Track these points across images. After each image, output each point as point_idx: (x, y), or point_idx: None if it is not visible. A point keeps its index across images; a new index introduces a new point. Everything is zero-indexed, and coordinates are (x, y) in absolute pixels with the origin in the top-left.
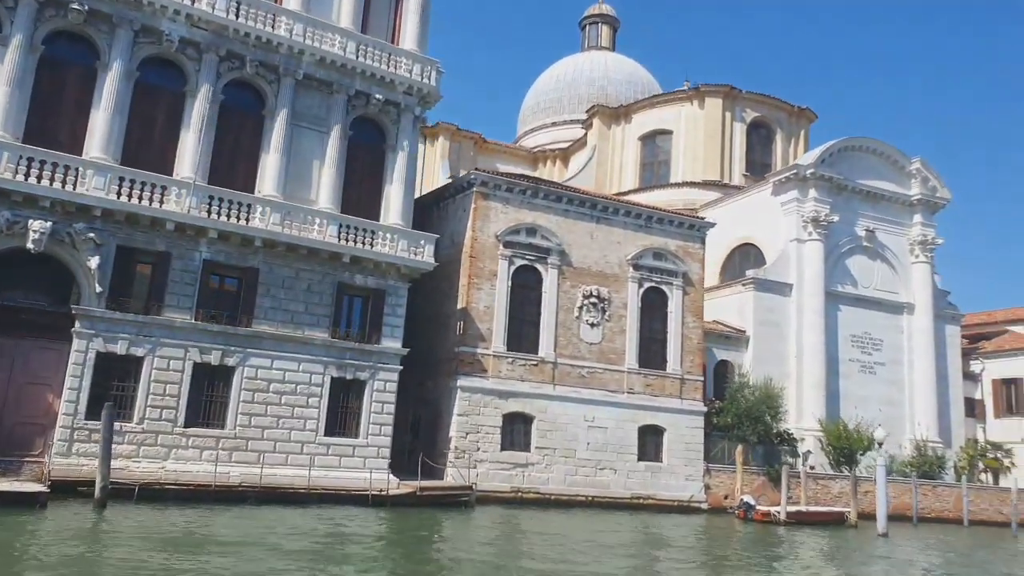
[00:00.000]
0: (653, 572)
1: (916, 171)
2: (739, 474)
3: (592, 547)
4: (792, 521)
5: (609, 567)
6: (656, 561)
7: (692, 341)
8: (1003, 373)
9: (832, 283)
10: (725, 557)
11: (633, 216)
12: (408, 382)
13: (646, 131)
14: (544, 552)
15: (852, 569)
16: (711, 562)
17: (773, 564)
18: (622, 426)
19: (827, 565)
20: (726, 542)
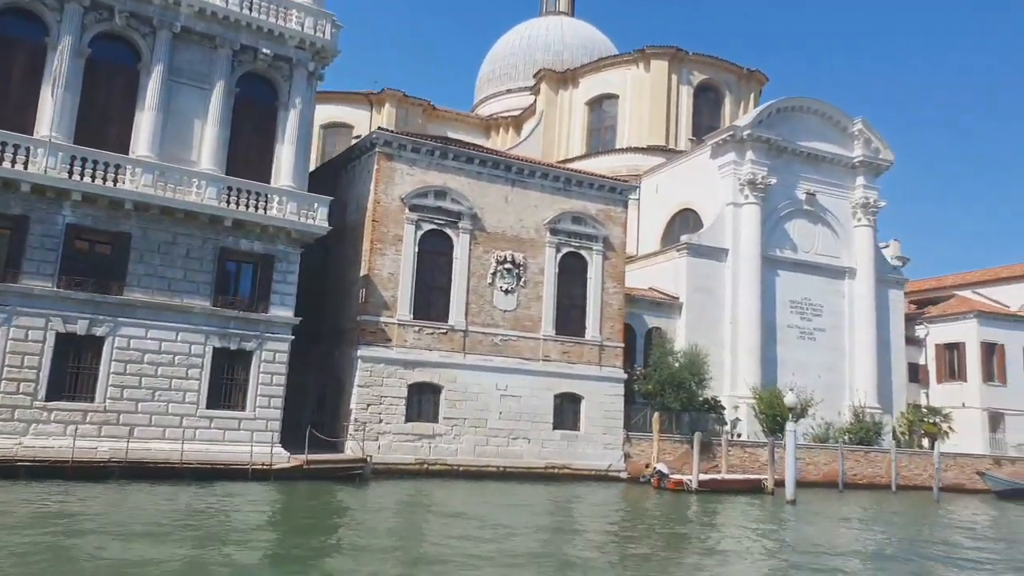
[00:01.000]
0: (530, 547)
1: (859, 132)
2: (656, 442)
3: (458, 519)
4: (705, 489)
5: (458, 544)
6: (545, 534)
7: (613, 307)
8: (946, 338)
9: (770, 248)
10: (620, 530)
11: (551, 179)
12: (315, 353)
13: (593, 96)
14: (425, 525)
15: (722, 533)
16: (605, 535)
17: (653, 531)
18: (537, 394)
19: (706, 532)
20: (630, 512)
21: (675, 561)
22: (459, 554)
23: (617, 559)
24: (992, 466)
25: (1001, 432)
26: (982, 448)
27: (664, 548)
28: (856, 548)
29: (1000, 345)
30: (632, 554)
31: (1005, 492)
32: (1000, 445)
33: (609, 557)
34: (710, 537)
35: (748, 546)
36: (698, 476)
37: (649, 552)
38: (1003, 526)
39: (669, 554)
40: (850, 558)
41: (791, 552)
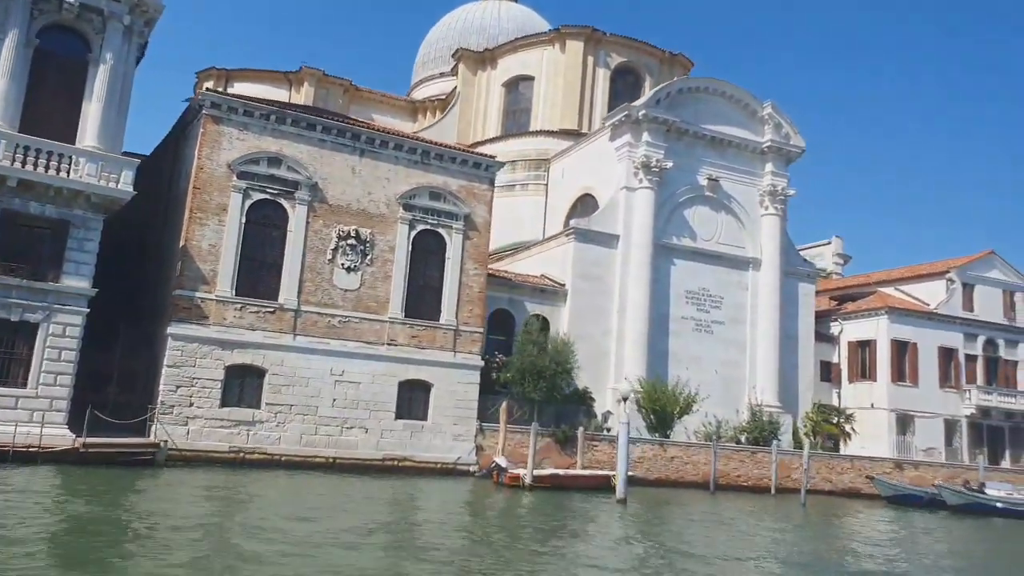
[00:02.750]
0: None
1: (768, 116)
2: (502, 434)
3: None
4: (545, 485)
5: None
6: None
7: (473, 290)
8: (858, 335)
9: (666, 235)
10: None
11: (406, 151)
12: (131, 328)
13: (510, 77)
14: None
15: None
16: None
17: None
18: (379, 381)
19: (464, 530)
20: (438, 509)
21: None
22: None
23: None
24: (892, 470)
25: (911, 435)
26: (889, 451)
27: (399, 543)
28: (586, 550)
29: (912, 344)
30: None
31: (894, 497)
32: (907, 448)
33: (332, 553)
34: (462, 532)
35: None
36: (532, 472)
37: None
38: (813, 529)
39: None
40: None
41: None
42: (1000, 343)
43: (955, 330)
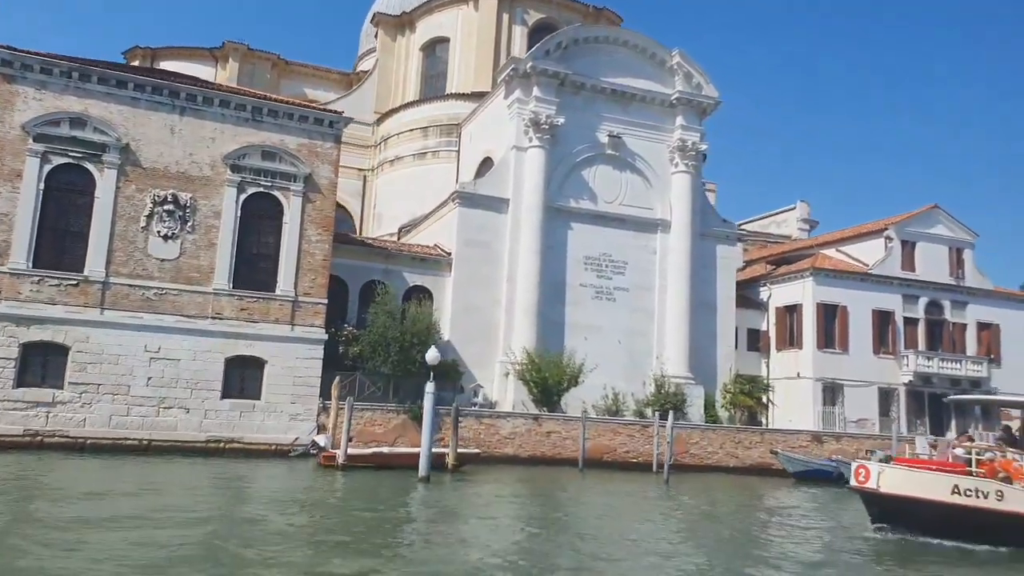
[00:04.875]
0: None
1: (677, 66)
2: (333, 412)
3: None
4: (366, 464)
5: None
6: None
7: (316, 258)
8: (785, 300)
9: (562, 197)
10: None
11: (235, 107)
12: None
13: (427, 40)
14: None
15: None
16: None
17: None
18: (202, 358)
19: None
20: (217, 494)
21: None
22: None
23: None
24: (810, 443)
25: (839, 405)
26: (815, 423)
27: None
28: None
29: (842, 307)
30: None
31: (800, 473)
32: (834, 420)
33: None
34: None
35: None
36: (346, 450)
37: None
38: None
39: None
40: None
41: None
42: (945, 304)
43: (892, 291)
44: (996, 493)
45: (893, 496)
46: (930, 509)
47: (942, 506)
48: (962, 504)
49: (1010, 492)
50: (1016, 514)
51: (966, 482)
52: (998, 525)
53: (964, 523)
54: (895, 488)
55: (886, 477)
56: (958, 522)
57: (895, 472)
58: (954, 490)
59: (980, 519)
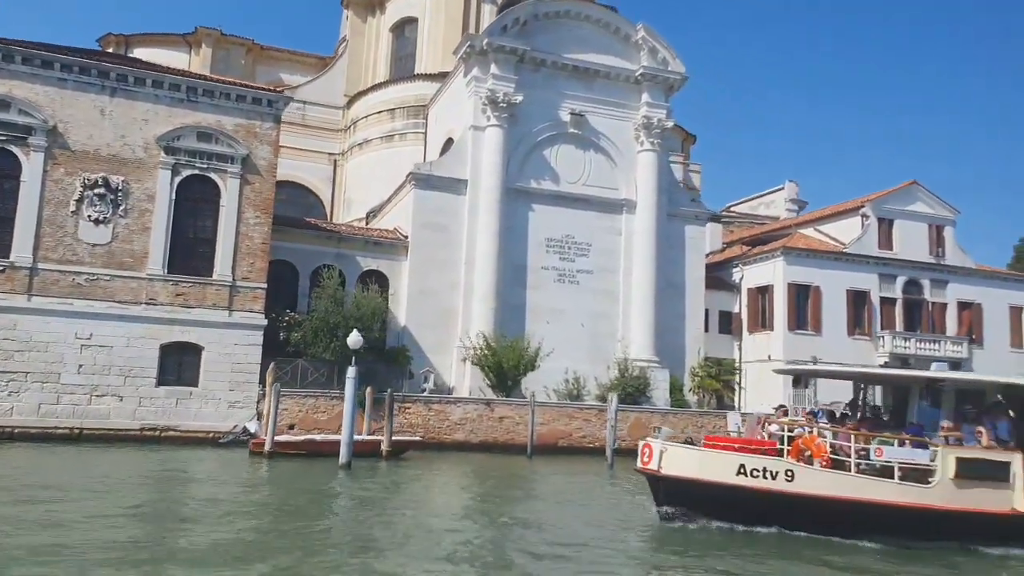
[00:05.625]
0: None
1: (642, 41)
2: (268, 398)
3: None
4: (298, 452)
5: None
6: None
7: (254, 241)
8: (757, 281)
9: (522, 178)
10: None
11: (168, 87)
12: None
13: (396, 20)
14: None
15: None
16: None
17: None
18: (135, 344)
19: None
20: (130, 482)
21: None
22: None
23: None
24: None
25: (811, 388)
26: None
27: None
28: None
29: (815, 287)
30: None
31: None
32: (805, 403)
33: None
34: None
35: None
36: (272, 438)
37: None
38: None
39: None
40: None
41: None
42: (925, 284)
43: (868, 271)
44: (786, 473)
45: (675, 478)
46: (715, 491)
47: (727, 488)
48: (748, 486)
49: (802, 472)
50: (807, 496)
51: (753, 462)
52: (788, 508)
53: (752, 506)
54: (677, 469)
55: (668, 457)
56: (745, 505)
57: (677, 451)
58: (740, 470)
59: (769, 501)
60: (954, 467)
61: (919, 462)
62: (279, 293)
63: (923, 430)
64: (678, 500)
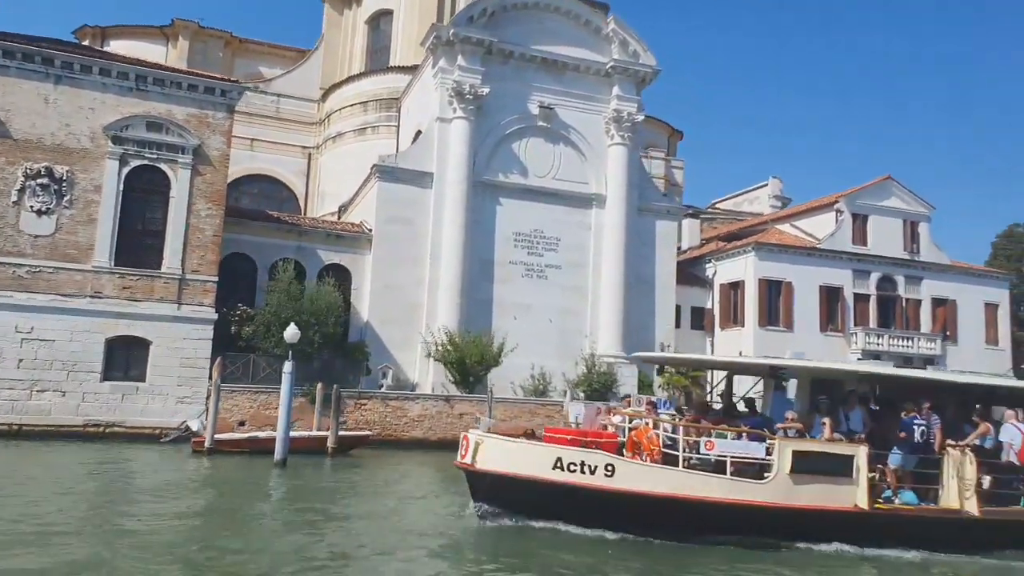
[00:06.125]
0: None
1: (612, 33)
2: (215, 393)
3: None
4: (239, 450)
5: None
6: None
7: (205, 233)
8: (730, 276)
9: (489, 171)
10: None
11: (116, 76)
12: None
13: (372, 12)
14: None
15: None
16: None
17: None
18: (80, 338)
19: None
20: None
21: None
22: None
23: None
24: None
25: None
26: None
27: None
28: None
29: (787, 283)
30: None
31: None
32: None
33: None
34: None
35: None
36: (212, 435)
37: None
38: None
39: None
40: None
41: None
42: (899, 280)
43: (842, 267)
44: (606, 468)
45: (490, 473)
46: (530, 487)
47: (542, 484)
48: (564, 481)
49: (623, 467)
50: (627, 493)
51: (571, 455)
52: (609, 506)
53: (570, 504)
54: (492, 463)
55: (483, 450)
56: (563, 503)
57: (492, 444)
58: (556, 464)
59: (586, 499)
60: (790, 461)
61: (754, 456)
62: (236, 287)
63: (770, 422)
64: (493, 497)
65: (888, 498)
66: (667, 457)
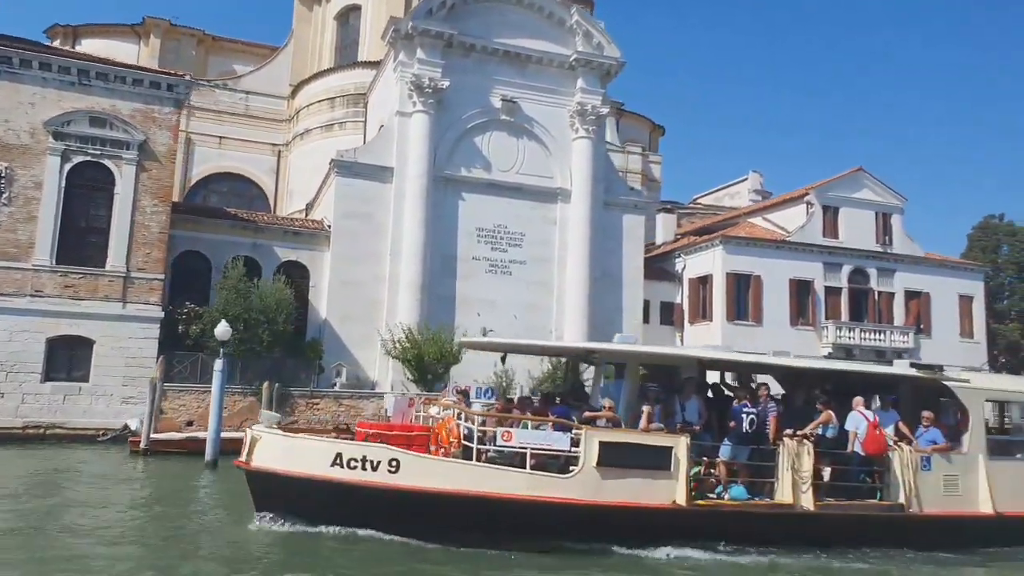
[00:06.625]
0: None
1: (576, 26)
2: (151, 392)
3: None
4: (180, 450)
5: None
6: None
7: (151, 231)
8: (698, 271)
9: (451, 166)
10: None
11: (57, 70)
12: None
13: (341, 8)
14: None
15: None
16: None
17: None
18: (19, 338)
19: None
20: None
21: None
22: None
23: None
24: None
25: (752, 378)
26: None
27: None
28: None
29: (755, 276)
30: None
31: None
32: None
33: None
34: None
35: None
36: (148, 435)
37: None
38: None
39: None
40: None
41: None
42: (872, 272)
43: (812, 260)
44: (390, 464)
45: (266, 472)
46: (307, 487)
47: (320, 482)
48: (343, 480)
49: (409, 462)
50: (412, 491)
51: (352, 450)
52: (392, 506)
53: (353, 505)
54: (269, 461)
55: (260, 447)
56: (346, 504)
57: (268, 440)
58: (336, 461)
59: (368, 499)
60: (597, 453)
61: (557, 448)
62: (190, 286)
63: (582, 411)
64: (270, 498)
65: (720, 493)
66: (467, 451)
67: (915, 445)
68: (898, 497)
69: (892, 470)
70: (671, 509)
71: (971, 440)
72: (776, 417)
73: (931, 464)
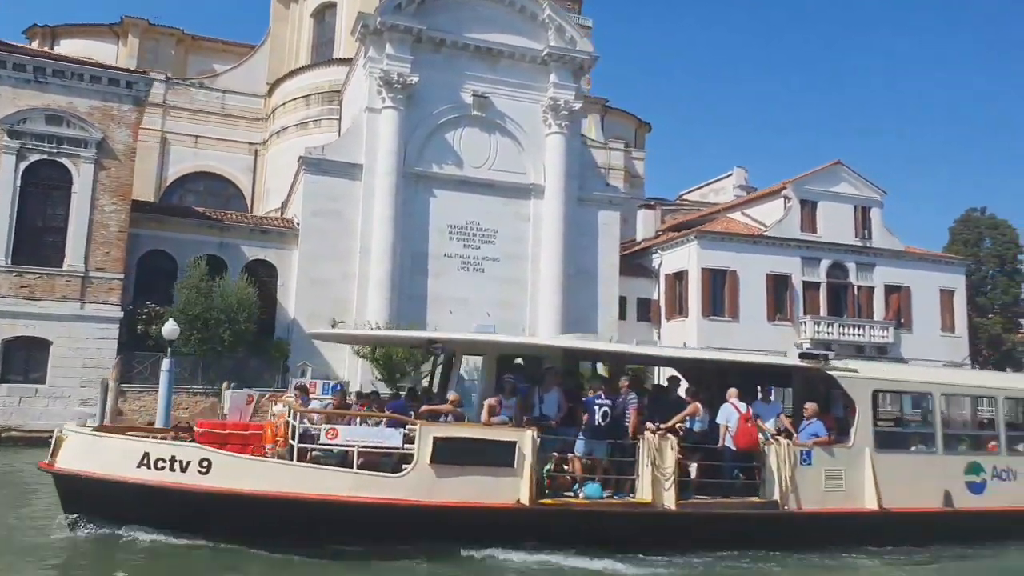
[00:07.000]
0: None
1: (548, 20)
2: (110, 395)
3: None
4: None
5: None
6: None
7: (110, 229)
8: (674, 267)
9: (422, 162)
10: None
11: (12, 67)
12: None
13: (317, 5)
14: None
15: None
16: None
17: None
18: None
19: None
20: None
21: None
22: None
23: None
24: None
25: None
26: None
27: None
28: None
29: (731, 272)
30: None
31: None
32: None
33: None
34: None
35: None
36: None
37: None
38: None
39: None
40: None
41: None
42: (851, 267)
43: (790, 254)
44: (200, 464)
45: (69, 474)
46: (112, 489)
47: (125, 485)
48: (149, 481)
49: (222, 463)
50: (224, 493)
51: (160, 450)
52: (203, 510)
53: (161, 507)
54: (73, 462)
55: (66, 447)
56: (152, 506)
57: (74, 439)
58: (143, 461)
59: (178, 501)
60: (431, 450)
61: (386, 445)
62: (154, 286)
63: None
64: (77, 502)
65: (576, 492)
66: (294, 450)
67: (795, 439)
68: (773, 494)
69: (768, 465)
70: (513, 509)
71: (857, 433)
72: (636, 409)
73: (811, 458)
